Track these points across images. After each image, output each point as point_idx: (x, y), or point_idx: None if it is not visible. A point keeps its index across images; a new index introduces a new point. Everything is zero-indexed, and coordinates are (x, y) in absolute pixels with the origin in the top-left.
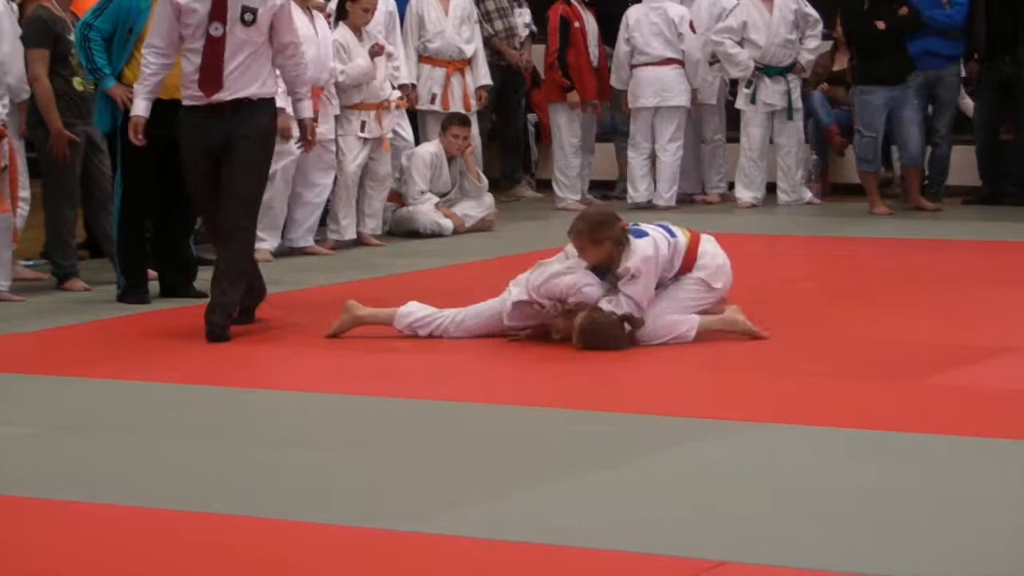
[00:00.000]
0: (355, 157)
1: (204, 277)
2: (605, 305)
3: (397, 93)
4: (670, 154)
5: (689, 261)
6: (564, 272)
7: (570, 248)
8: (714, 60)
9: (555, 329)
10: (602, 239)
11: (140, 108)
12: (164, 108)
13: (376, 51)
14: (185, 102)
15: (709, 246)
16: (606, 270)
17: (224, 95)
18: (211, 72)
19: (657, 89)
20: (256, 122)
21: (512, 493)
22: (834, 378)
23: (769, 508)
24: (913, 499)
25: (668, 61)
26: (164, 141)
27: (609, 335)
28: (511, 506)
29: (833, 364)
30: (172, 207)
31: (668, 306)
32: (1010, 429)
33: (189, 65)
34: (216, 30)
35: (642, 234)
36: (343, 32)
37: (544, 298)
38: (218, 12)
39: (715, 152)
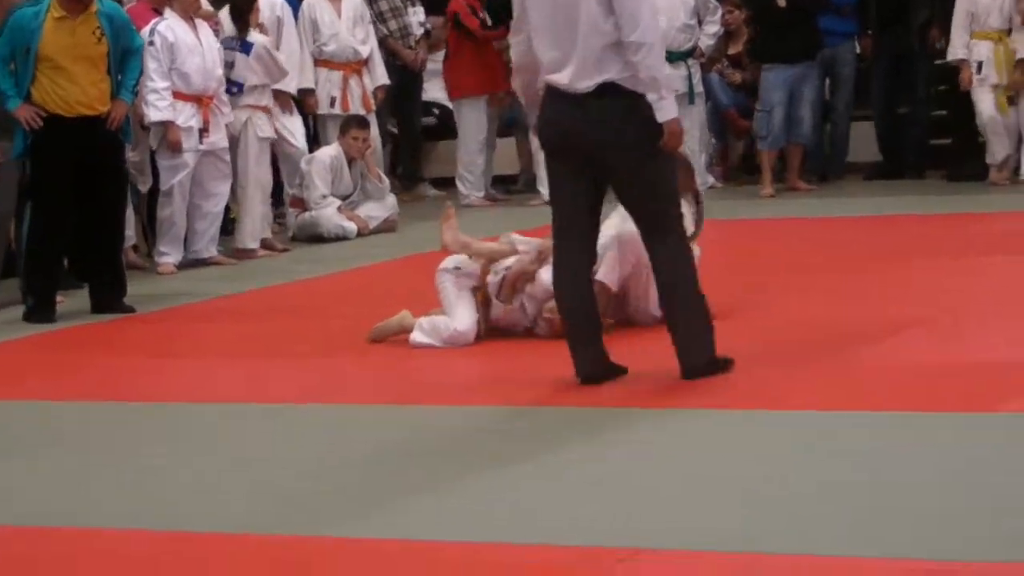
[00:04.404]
0: (257, 162)
1: (134, 292)
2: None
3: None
4: None
5: None
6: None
7: None
8: None
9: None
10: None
11: None
12: (73, 127)
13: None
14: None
15: None
16: None
17: None
18: None
19: None
20: None
21: (428, 494)
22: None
23: (686, 493)
24: (831, 479)
25: None
26: (77, 162)
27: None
28: (433, 507)
29: (762, 348)
30: (98, 226)
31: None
32: (939, 402)
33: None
34: None
35: None
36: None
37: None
38: None
39: None
